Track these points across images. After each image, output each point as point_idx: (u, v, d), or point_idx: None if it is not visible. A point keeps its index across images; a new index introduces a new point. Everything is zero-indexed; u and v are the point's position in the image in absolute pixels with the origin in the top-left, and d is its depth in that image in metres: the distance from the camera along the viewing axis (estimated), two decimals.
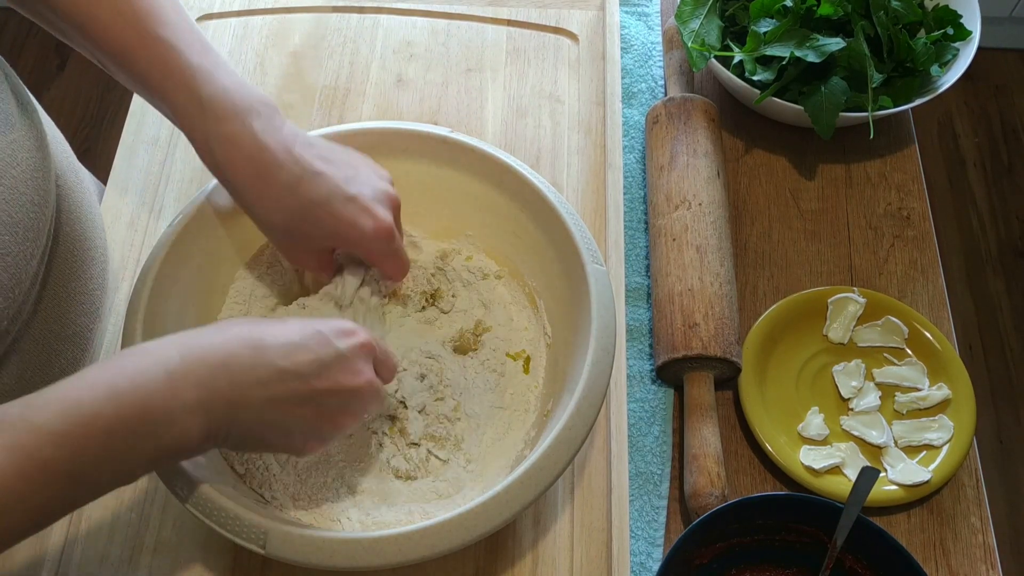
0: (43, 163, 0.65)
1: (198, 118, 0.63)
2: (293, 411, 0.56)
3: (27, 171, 0.62)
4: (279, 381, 0.55)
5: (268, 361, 0.55)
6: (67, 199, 0.70)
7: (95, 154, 2.07)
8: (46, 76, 2.20)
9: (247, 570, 0.69)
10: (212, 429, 0.53)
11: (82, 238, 0.72)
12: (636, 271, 0.85)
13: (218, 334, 0.56)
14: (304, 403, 0.57)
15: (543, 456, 0.60)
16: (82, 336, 0.71)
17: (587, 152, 0.89)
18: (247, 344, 0.55)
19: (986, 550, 0.73)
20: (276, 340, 0.56)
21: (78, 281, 0.70)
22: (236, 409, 0.54)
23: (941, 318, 0.84)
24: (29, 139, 0.64)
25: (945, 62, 0.89)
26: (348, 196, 0.65)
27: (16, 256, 0.61)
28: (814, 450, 0.76)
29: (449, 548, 0.57)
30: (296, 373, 0.56)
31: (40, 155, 0.64)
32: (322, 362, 0.57)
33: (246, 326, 0.57)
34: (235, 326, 0.57)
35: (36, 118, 0.67)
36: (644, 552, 0.72)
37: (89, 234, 0.74)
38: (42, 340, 0.66)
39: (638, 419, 0.77)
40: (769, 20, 0.87)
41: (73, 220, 0.71)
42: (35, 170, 0.63)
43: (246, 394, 0.54)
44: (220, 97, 0.63)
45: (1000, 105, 2.17)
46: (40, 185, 0.64)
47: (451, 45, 0.97)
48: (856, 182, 0.92)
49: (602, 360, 0.64)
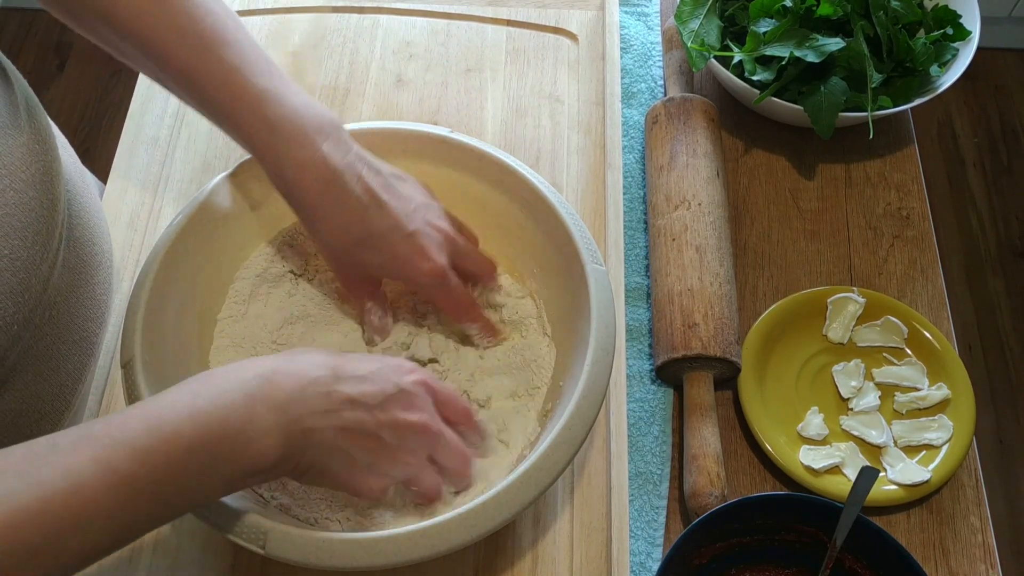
0: (51, 167, 0.64)
1: (268, 142, 0.64)
2: (357, 441, 0.58)
3: (36, 175, 0.62)
4: (350, 409, 0.57)
5: (340, 390, 0.57)
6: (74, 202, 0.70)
7: (95, 155, 2.07)
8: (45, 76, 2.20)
9: (247, 570, 0.69)
10: (287, 453, 0.55)
11: (89, 242, 0.72)
12: (636, 271, 0.85)
13: (293, 361, 0.57)
14: (368, 435, 0.58)
15: (543, 456, 0.60)
16: (89, 341, 0.71)
17: (587, 152, 0.89)
18: (322, 372, 0.57)
19: (986, 550, 0.73)
20: (349, 372, 0.58)
21: (86, 286, 0.70)
22: (309, 434, 0.55)
23: (941, 318, 0.84)
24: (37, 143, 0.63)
25: (944, 62, 0.89)
26: (407, 233, 0.66)
27: (26, 261, 0.61)
28: (814, 450, 0.76)
29: (449, 548, 0.57)
30: (363, 404, 0.57)
31: (48, 159, 0.64)
32: (385, 395, 0.58)
33: (320, 356, 0.58)
34: (309, 355, 0.58)
35: (44, 121, 0.67)
36: (644, 552, 0.72)
37: (96, 238, 0.74)
38: (52, 345, 0.66)
39: (638, 419, 0.77)
40: (768, 20, 0.87)
41: (81, 224, 0.71)
42: (44, 174, 0.63)
43: (319, 420, 0.56)
44: (289, 119, 0.64)
45: (999, 105, 2.17)
46: (49, 189, 0.63)
47: (451, 45, 0.97)
48: (856, 182, 0.92)
49: (602, 360, 0.64)
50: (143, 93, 0.94)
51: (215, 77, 0.63)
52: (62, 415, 0.69)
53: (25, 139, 0.63)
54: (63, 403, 0.69)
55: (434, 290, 0.69)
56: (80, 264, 0.69)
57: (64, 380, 0.68)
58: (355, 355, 0.61)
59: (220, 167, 0.88)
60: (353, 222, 0.66)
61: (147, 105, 0.93)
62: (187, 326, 0.70)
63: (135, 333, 0.64)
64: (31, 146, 0.63)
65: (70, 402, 0.70)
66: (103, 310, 0.74)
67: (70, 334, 0.68)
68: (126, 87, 2.15)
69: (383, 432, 0.58)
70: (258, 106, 0.63)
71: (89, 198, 0.75)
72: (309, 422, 0.55)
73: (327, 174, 0.64)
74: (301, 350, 0.63)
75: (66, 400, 0.69)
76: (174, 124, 0.91)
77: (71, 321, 0.68)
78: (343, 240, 0.67)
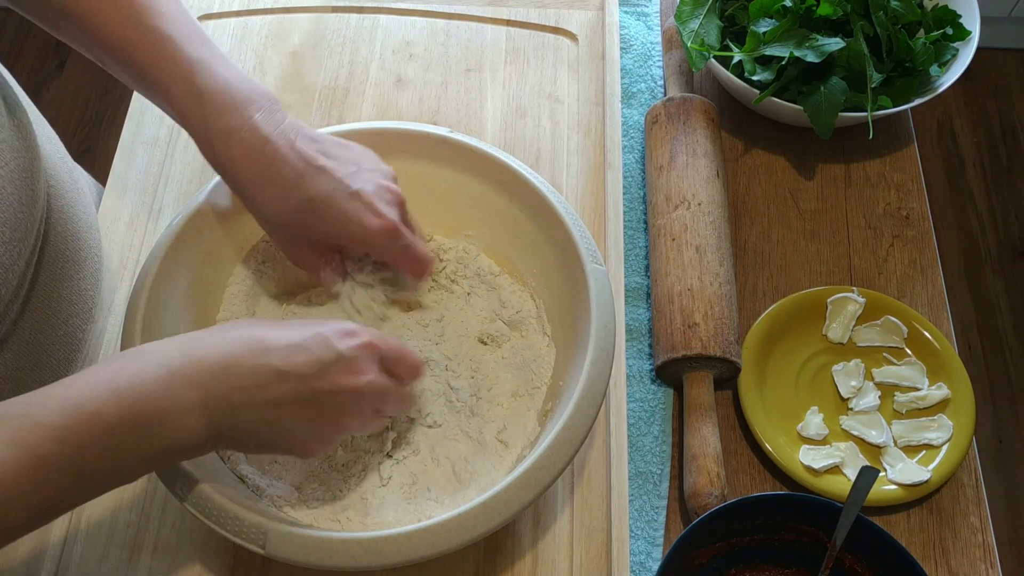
0: (31, 164, 0.64)
1: (197, 112, 0.63)
2: (293, 412, 0.56)
3: (14, 171, 0.62)
4: (279, 382, 0.55)
5: (268, 363, 0.55)
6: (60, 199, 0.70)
7: (94, 154, 2.07)
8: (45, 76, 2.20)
9: (247, 570, 0.69)
10: (213, 430, 0.54)
11: (74, 238, 0.71)
12: (635, 271, 0.85)
13: (219, 336, 0.56)
14: (305, 404, 0.57)
15: (543, 456, 0.60)
16: (74, 337, 0.71)
17: (586, 152, 0.89)
18: (248, 347, 0.55)
19: (985, 549, 0.73)
20: (277, 342, 0.56)
21: (70, 282, 0.70)
22: (236, 410, 0.54)
23: (940, 318, 0.84)
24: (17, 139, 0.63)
25: (944, 62, 0.89)
26: (351, 192, 0.64)
27: (1, 256, 0.61)
28: (813, 450, 0.76)
29: (448, 548, 0.57)
30: (296, 375, 0.56)
31: (28, 156, 0.64)
32: (322, 363, 0.57)
33: (247, 329, 0.57)
34: (236, 329, 0.57)
35: (25, 119, 0.66)
36: (644, 552, 0.72)
37: (83, 235, 0.73)
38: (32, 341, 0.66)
39: (638, 419, 0.77)
40: (768, 20, 0.87)
41: (65, 220, 0.70)
42: (23, 170, 0.62)
43: (246, 396, 0.54)
44: (220, 90, 0.62)
45: (999, 105, 2.17)
46: (28, 185, 0.63)
47: (450, 45, 0.97)
48: (855, 182, 0.92)
49: (601, 360, 0.64)
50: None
51: (147, 46, 0.62)
52: None
53: (3, 135, 0.62)
54: None
55: (389, 248, 0.67)
56: (63, 260, 0.69)
57: (47, 376, 0.68)
58: (293, 322, 0.60)
59: None
60: (289, 190, 0.63)
61: (147, 105, 0.93)
62: (186, 327, 0.70)
63: (134, 334, 0.64)
64: (11, 142, 0.62)
65: None
66: (89, 306, 0.73)
67: (53, 330, 0.68)
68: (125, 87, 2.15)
69: (322, 399, 0.57)
70: (188, 76, 0.62)
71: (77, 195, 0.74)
72: (234, 398, 0.54)
73: (257, 143, 0.62)
74: (230, 324, 0.62)
75: None
76: (174, 124, 0.91)
77: (54, 317, 0.68)
78: (281, 210, 0.65)
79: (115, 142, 0.90)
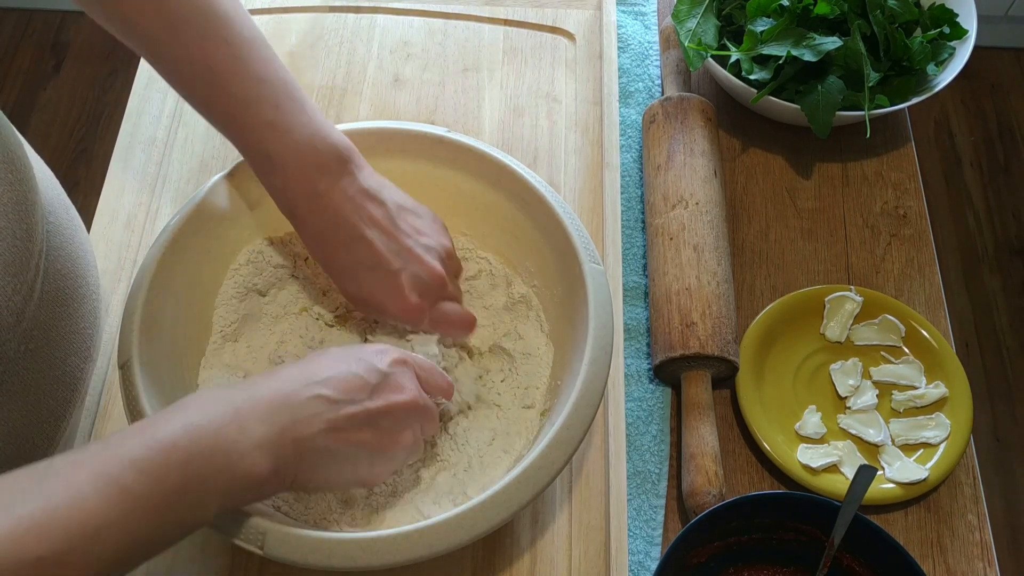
0: (26, 196, 0.63)
1: (267, 174, 0.67)
2: (354, 437, 0.58)
3: (7, 204, 0.61)
4: (335, 410, 0.57)
5: (321, 393, 0.57)
6: (57, 235, 0.69)
7: (91, 155, 2.06)
8: (42, 77, 2.20)
9: (245, 570, 0.69)
10: (280, 466, 0.55)
11: (73, 275, 0.70)
12: (633, 270, 0.85)
13: (273, 376, 0.58)
14: (363, 427, 0.58)
15: (541, 456, 0.60)
16: (73, 376, 0.70)
17: (584, 151, 0.89)
18: (300, 381, 0.58)
19: (983, 547, 0.74)
20: (324, 375, 0.58)
21: (69, 320, 0.69)
22: (302, 444, 0.56)
23: (938, 316, 0.84)
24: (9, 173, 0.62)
25: (941, 61, 0.89)
26: (391, 271, 0.68)
27: None
28: (811, 448, 0.76)
29: (447, 548, 0.57)
30: (350, 400, 0.58)
31: (23, 188, 0.63)
32: (370, 384, 0.59)
33: (294, 369, 0.59)
34: (286, 369, 0.59)
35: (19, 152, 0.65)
36: (642, 551, 0.72)
37: (81, 271, 0.72)
38: (31, 381, 0.65)
39: (636, 418, 0.77)
40: (766, 19, 0.87)
41: (63, 257, 0.69)
42: (16, 203, 0.62)
43: (307, 428, 0.56)
44: (288, 155, 0.66)
45: (996, 104, 2.18)
46: (23, 218, 0.62)
47: (448, 45, 0.97)
48: (853, 181, 0.92)
49: (600, 359, 0.64)
50: (140, 93, 0.94)
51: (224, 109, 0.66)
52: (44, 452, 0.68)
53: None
54: (45, 440, 0.67)
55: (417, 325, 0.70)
56: (62, 297, 0.68)
57: (46, 416, 0.67)
58: (330, 353, 0.62)
59: (217, 167, 0.88)
60: (342, 253, 0.68)
61: (144, 105, 0.93)
62: (184, 328, 0.70)
63: (132, 334, 0.64)
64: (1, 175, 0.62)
65: (53, 438, 0.68)
66: (88, 345, 0.72)
67: (51, 369, 0.67)
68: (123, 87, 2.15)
69: (377, 420, 0.59)
70: (258, 143, 0.66)
71: (74, 231, 0.74)
72: (298, 431, 0.56)
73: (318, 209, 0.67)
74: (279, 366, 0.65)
75: (48, 437, 0.68)
76: (171, 124, 0.91)
77: (52, 355, 0.67)
78: (335, 268, 0.69)
79: (112, 142, 0.90)
